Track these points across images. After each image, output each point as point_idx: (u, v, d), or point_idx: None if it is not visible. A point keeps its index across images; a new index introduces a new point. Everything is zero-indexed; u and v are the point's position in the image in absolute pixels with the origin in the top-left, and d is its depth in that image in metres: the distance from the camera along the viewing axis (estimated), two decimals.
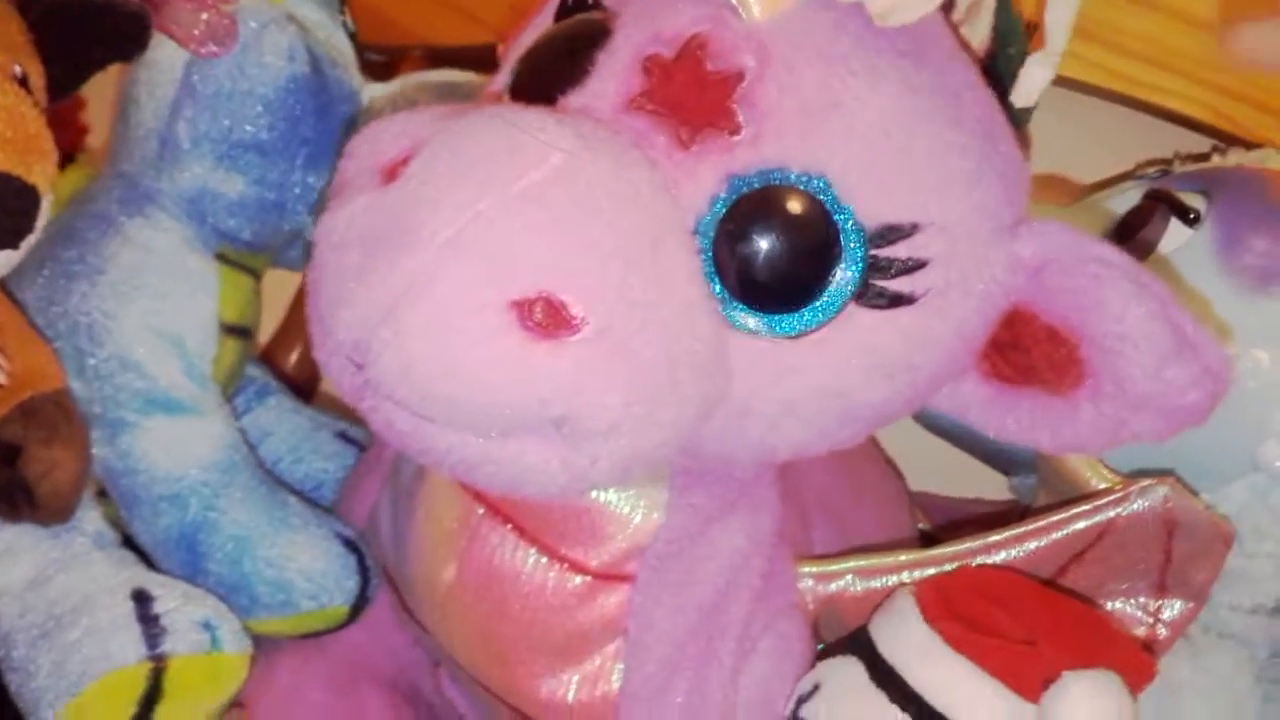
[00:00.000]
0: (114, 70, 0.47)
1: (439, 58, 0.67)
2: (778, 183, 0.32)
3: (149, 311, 0.47)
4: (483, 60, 0.47)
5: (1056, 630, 0.39)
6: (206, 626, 0.43)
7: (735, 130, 0.32)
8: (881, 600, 0.43)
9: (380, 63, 0.65)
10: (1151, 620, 0.43)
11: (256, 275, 0.52)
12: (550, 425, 0.31)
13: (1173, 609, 0.43)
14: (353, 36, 0.54)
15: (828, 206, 0.32)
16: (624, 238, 0.31)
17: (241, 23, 0.47)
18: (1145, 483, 0.41)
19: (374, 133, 0.33)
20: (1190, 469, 0.45)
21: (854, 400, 0.35)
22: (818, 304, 0.33)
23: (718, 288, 0.33)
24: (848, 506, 0.49)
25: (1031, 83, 0.38)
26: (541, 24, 0.38)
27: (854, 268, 0.32)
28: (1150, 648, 0.43)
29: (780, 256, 0.32)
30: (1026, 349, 0.36)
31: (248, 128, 0.48)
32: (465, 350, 0.30)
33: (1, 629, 0.43)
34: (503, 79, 0.37)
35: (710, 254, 0.32)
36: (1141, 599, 0.43)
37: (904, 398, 0.36)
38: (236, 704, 0.46)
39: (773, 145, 0.32)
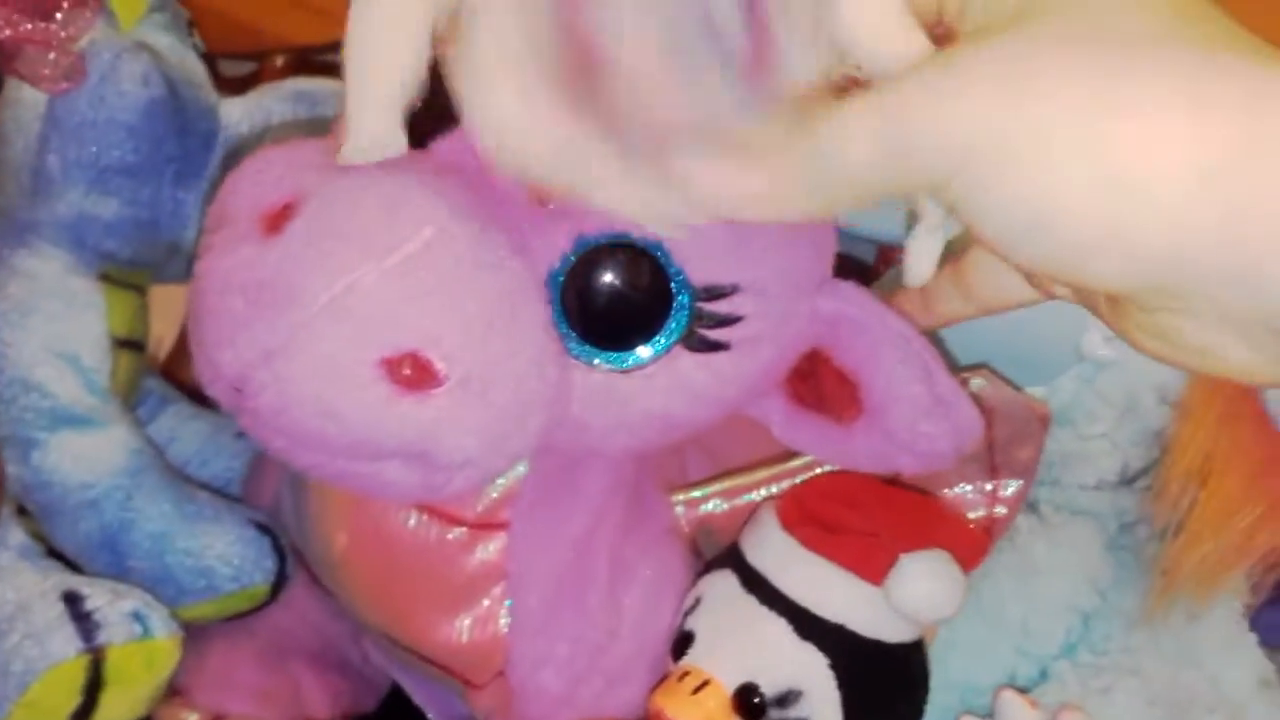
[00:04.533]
0: None
1: (303, 61, 0.69)
2: (621, 243, 0.37)
3: (43, 335, 0.49)
4: None
5: (897, 521, 0.44)
6: (137, 616, 0.46)
7: None
8: (748, 515, 0.47)
9: (243, 75, 0.67)
10: (989, 501, 0.48)
11: (141, 290, 0.55)
12: (412, 455, 0.35)
13: (1007, 489, 0.48)
14: (204, 55, 0.56)
15: (662, 264, 0.37)
16: (485, 302, 0.34)
17: (96, 55, 0.49)
18: (961, 377, 0.46)
19: (254, 171, 0.36)
20: (1022, 367, 0.49)
21: (674, 419, 0.40)
22: (648, 345, 0.37)
23: (564, 328, 0.37)
24: (720, 437, 0.52)
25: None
26: None
27: (681, 317, 0.37)
28: (991, 527, 0.48)
29: (619, 303, 0.37)
30: (820, 381, 0.41)
31: (114, 152, 0.50)
32: (338, 399, 0.33)
33: None
34: None
35: (559, 300, 0.37)
36: (977, 483, 0.47)
37: (717, 414, 0.41)
38: (174, 691, 0.49)
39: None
